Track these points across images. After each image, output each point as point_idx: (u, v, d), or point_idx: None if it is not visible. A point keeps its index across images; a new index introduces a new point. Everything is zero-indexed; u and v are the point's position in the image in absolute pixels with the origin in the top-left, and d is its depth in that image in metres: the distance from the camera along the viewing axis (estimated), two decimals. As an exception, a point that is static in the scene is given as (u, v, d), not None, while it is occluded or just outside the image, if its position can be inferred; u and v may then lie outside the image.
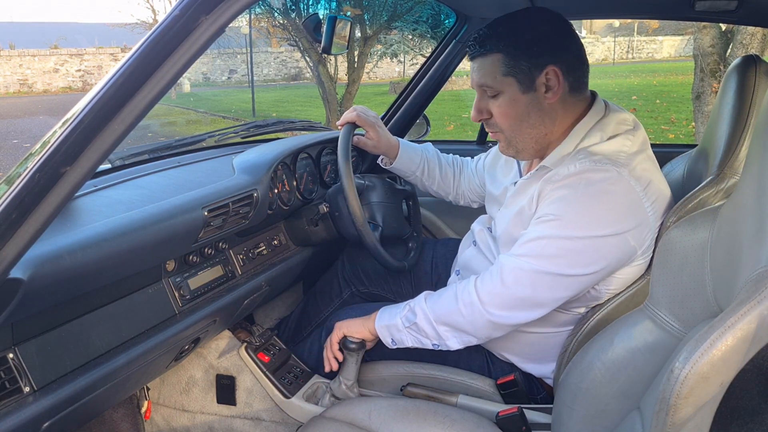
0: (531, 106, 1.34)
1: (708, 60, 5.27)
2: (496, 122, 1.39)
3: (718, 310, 0.95)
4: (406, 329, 1.43)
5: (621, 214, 1.25)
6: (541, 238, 1.28)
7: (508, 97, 1.34)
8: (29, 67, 18.57)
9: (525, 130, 1.36)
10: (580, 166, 1.29)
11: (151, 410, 1.75)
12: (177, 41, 0.79)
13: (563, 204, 1.27)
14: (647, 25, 27.96)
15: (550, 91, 1.32)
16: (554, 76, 1.31)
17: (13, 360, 1.02)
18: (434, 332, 1.40)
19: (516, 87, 1.33)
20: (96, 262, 1.07)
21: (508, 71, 1.32)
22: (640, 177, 1.27)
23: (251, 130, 1.96)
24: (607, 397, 1.17)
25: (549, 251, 1.27)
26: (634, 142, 1.33)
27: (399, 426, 1.32)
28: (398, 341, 1.45)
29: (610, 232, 1.24)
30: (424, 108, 2.32)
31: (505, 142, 1.41)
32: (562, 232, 1.25)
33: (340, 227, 1.72)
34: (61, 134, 0.79)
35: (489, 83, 1.35)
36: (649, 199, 1.27)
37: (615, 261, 1.27)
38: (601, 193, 1.25)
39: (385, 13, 8.56)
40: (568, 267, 1.26)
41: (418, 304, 1.43)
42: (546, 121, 1.35)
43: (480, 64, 1.36)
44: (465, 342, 1.40)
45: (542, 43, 1.31)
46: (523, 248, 1.30)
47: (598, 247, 1.25)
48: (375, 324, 1.47)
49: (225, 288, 1.52)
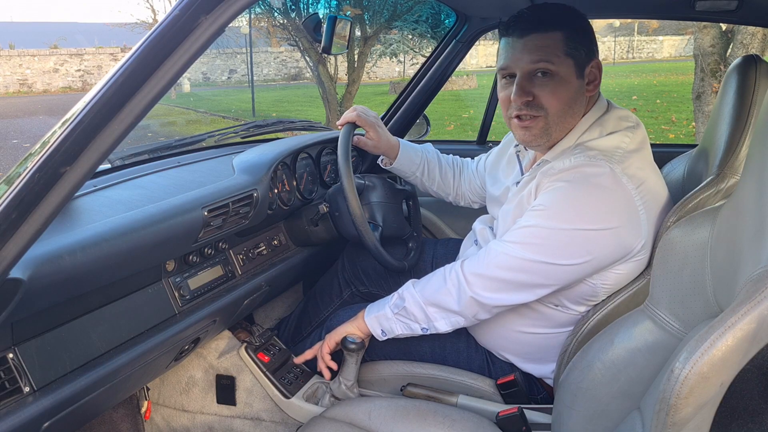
0: (578, 93, 1.34)
1: (708, 60, 5.26)
2: (541, 104, 1.33)
3: (718, 310, 0.95)
4: (395, 315, 1.45)
5: (609, 210, 1.25)
6: (528, 226, 1.30)
7: (563, 79, 1.31)
8: (29, 67, 18.57)
9: (567, 119, 1.35)
10: (575, 160, 1.30)
11: (151, 410, 1.75)
12: (177, 41, 0.79)
13: (554, 195, 1.29)
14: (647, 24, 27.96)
15: (592, 83, 1.34)
16: (597, 69, 1.34)
17: (13, 360, 1.02)
18: (423, 314, 1.42)
19: (573, 70, 1.32)
20: (96, 262, 1.07)
21: (569, 51, 1.31)
22: (634, 175, 1.28)
23: (251, 130, 1.96)
24: (607, 397, 1.17)
25: (534, 239, 1.29)
26: (632, 139, 1.33)
27: (399, 426, 1.32)
28: (388, 330, 1.47)
29: (596, 226, 1.25)
30: (424, 108, 2.32)
31: (542, 129, 1.35)
32: (548, 222, 1.27)
33: (340, 227, 1.72)
34: (60, 134, 0.79)
35: (550, 60, 1.30)
36: (642, 198, 1.27)
37: (603, 256, 1.28)
38: (592, 187, 1.26)
39: (385, 13, 8.56)
40: (551, 256, 1.28)
41: (406, 290, 1.46)
42: (579, 112, 1.36)
43: (538, 41, 1.31)
44: (453, 323, 1.41)
45: (591, 34, 1.33)
46: (511, 234, 1.33)
47: (582, 240, 1.26)
48: (364, 317, 1.48)
49: (225, 288, 1.51)
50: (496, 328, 1.48)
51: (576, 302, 1.38)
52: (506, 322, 1.45)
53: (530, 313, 1.42)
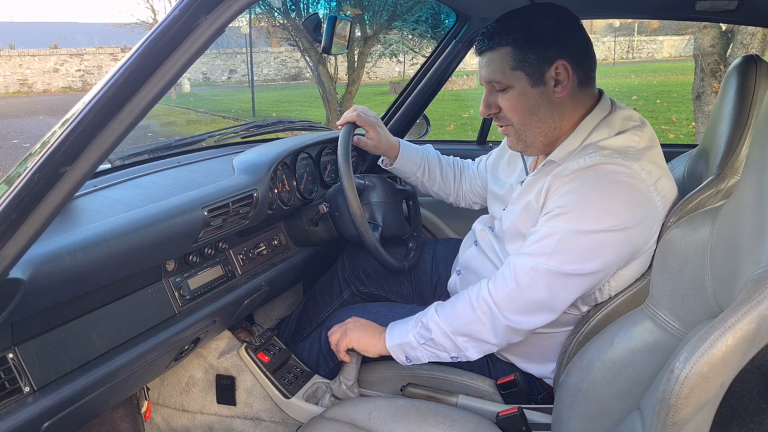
0: (540, 100, 1.33)
1: (708, 60, 5.27)
2: (505, 116, 1.37)
3: (719, 310, 0.95)
4: (421, 346, 1.38)
5: (634, 206, 1.23)
6: (552, 235, 1.25)
7: (518, 91, 1.33)
8: (29, 67, 18.57)
9: (534, 125, 1.35)
10: (591, 159, 1.27)
11: (151, 410, 1.75)
12: (177, 41, 0.79)
13: (574, 196, 1.25)
14: (647, 25, 27.96)
15: (560, 85, 1.31)
16: (564, 70, 1.30)
17: (13, 360, 1.02)
18: (453, 345, 1.36)
19: (525, 81, 1.32)
20: (96, 262, 1.07)
21: (517, 65, 1.31)
22: (651, 171, 1.26)
23: (251, 130, 1.96)
24: (607, 397, 1.17)
25: (562, 248, 1.24)
26: (642, 138, 1.32)
27: (399, 426, 1.32)
28: (414, 359, 1.41)
29: (622, 224, 1.22)
30: (424, 108, 2.32)
31: (515, 137, 1.40)
32: (575, 225, 1.23)
33: (340, 227, 1.72)
34: (60, 134, 0.79)
35: (498, 78, 1.33)
36: (659, 193, 1.27)
37: (622, 256, 1.26)
38: (615, 183, 1.23)
39: (385, 13, 8.56)
40: (582, 263, 1.23)
41: (431, 319, 1.37)
42: (555, 115, 1.35)
43: (488, 58, 1.35)
44: (485, 350, 1.36)
45: (551, 37, 1.30)
46: (534, 247, 1.27)
47: (610, 241, 1.22)
48: (386, 344, 1.42)
49: (225, 288, 1.51)
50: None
51: (580, 303, 1.37)
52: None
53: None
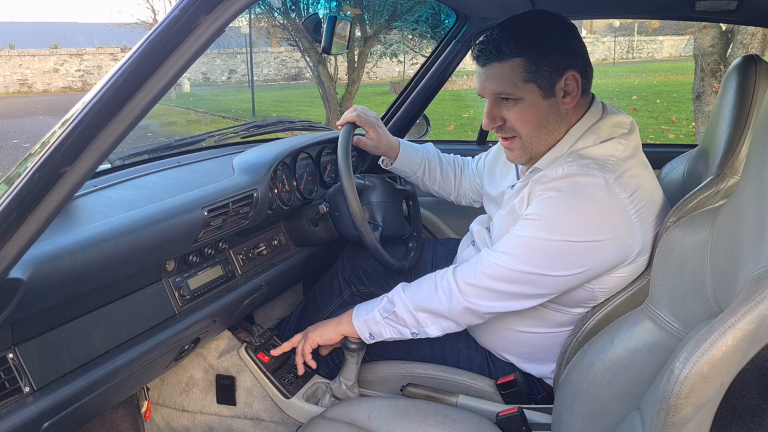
0: (551, 112, 1.32)
1: (708, 60, 5.27)
2: (513, 127, 1.35)
3: (718, 310, 0.95)
4: (384, 320, 1.44)
5: (602, 222, 1.25)
6: (520, 237, 1.29)
7: (528, 104, 1.31)
8: (29, 67, 18.57)
9: (543, 137, 1.35)
10: (568, 169, 1.29)
11: (151, 410, 1.75)
12: (177, 41, 0.79)
13: (546, 205, 1.28)
14: (647, 24, 27.95)
15: (569, 96, 1.31)
16: (573, 80, 1.30)
17: (13, 360, 1.02)
18: (413, 320, 1.41)
19: (537, 93, 1.30)
20: (96, 262, 1.07)
21: (529, 77, 1.29)
22: (628, 184, 1.27)
23: (251, 130, 1.96)
24: (607, 397, 1.17)
25: (526, 250, 1.28)
26: (626, 146, 1.32)
27: (399, 426, 1.32)
28: (376, 334, 1.45)
29: (589, 238, 1.24)
30: (424, 108, 2.32)
31: (521, 150, 1.38)
32: (541, 233, 1.26)
33: (340, 227, 1.72)
34: (60, 134, 0.79)
35: (509, 90, 1.31)
36: (636, 206, 1.27)
37: (597, 265, 1.27)
38: (586, 198, 1.25)
39: (385, 13, 8.56)
40: (544, 267, 1.27)
41: (396, 294, 1.44)
42: (561, 125, 1.35)
43: (497, 70, 1.31)
44: (445, 328, 1.40)
45: (561, 48, 1.30)
46: (503, 244, 1.32)
47: (576, 252, 1.25)
48: (353, 320, 1.47)
49: (225, 288, 1.51)
50: (496, 328, 1.47)
51: (575, 305, 1.38)
52: (506, 322, 1.45)
53: (530, 314, 1.42)
